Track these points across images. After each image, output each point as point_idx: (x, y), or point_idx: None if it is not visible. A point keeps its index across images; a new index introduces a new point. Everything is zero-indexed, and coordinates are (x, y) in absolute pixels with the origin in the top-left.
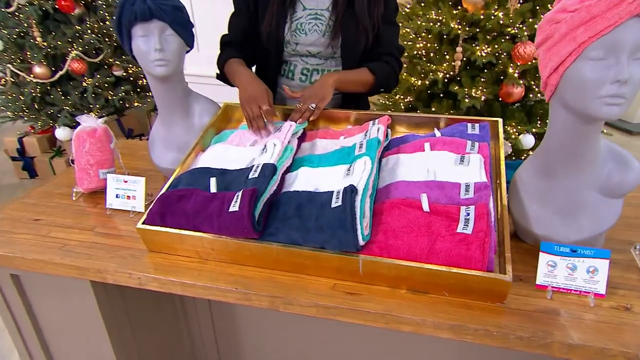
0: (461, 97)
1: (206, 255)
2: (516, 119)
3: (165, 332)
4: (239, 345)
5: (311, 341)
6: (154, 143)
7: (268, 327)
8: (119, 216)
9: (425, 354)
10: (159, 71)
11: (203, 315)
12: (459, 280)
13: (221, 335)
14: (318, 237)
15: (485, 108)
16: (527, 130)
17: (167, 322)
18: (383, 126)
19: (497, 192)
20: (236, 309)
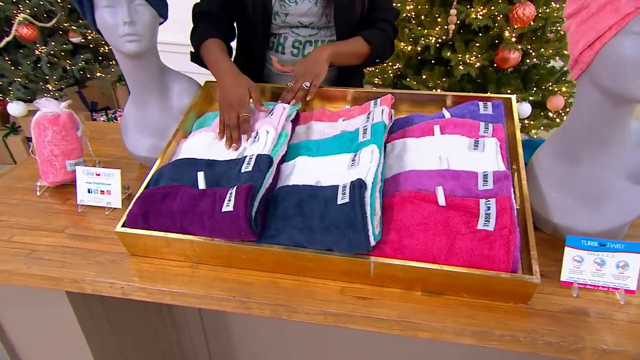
0: (454, 64)
1: (197, 258)
2: (512, 86)
3: (152, 340)
4: (234, 352)
5: (310, 346)
6: (126, 127)
7: (264, 331)
8: (93, 214)
9: (428, 356)
10: (129, 48)
11: (193, 320)
12: (480, 281)
13: (213, 341)
14: (325, 238)
15: (478, 75)
16: (523, 99)
17: (155, 329)
18: (387, 107)
19: (514, 179)
20: (229, 312)
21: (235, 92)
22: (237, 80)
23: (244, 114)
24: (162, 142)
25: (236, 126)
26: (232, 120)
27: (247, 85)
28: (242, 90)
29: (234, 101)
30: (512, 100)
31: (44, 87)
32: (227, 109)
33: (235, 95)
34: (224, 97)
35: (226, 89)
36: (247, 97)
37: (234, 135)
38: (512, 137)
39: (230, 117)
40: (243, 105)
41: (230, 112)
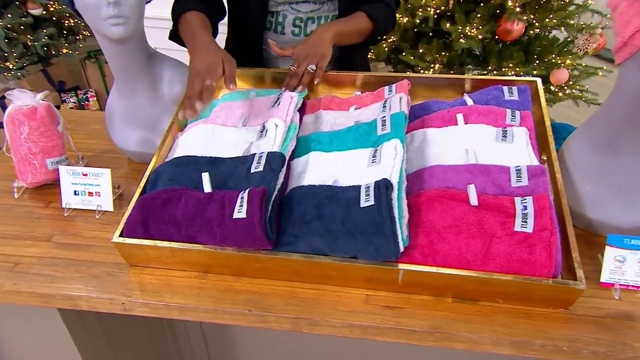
0: (455, 37)
1: (205, 267)
2: (515, 59)
3: (154, 354)
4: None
5: (315, 354)
6: (112, 119)
7: (267, 340)
8: (82, 218)
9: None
10: (114, 32)
11: (193, 331)
12: (520, 288)
13: (215, 353)
14: (349, 245)
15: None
16: (527, 73)
17: (155, 341)
18: (405, 95)
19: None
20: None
21: (206, 62)
22: (210, 51)
23: (209, 81)
24: (152, 135)
25: (196, 94)
26: (195, 88)
27: (222, 56)
28: (213, 59)
29: (201, 69)
30: (538, 83)
31: (3, 65)
32: (193, 80)
33: (204, 64)
34: (192, 68)
35: (196, 60)
36: (218, 68)
37: (191, 106)
38: (540, 124)
39: (194, 85)
40: (211, 73)
41: (194, 81)
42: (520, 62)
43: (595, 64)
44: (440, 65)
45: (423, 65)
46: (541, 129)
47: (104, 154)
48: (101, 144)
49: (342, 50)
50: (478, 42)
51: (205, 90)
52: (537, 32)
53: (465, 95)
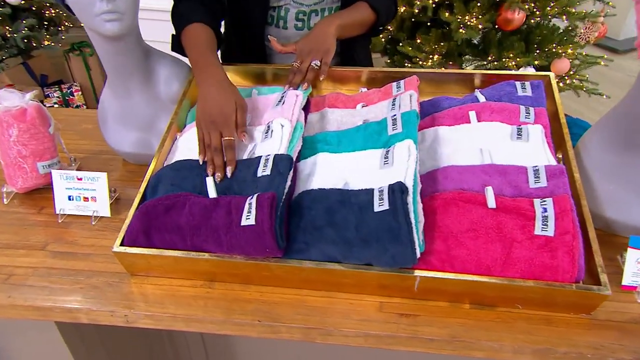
0: (454, 27)
1: (211, 276)
2: (515, 49)
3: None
4: None
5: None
6: (105, 119)
7: (269, 349)
8: (78, 225)
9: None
10: (109, 28)
11: (193, 341)
12: (541, 293)
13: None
14: (364, 253)
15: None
16: (528, 63)
17: (155, 353)
18: (415, 92)
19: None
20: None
21: (221, 108)
22: (224, 94)
23: (227, 138)
24: (149, 135)
25: (219, 150)
26: (215, 142)
27: (235, 101)
28: (229, 107)
29: (218, 119)
30: (551, 77)
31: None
32: (209, 127)
33: (220, 113)
34: (206, 111)
35: (210, 102)
36: (233, 117)
37: (216, 161)
38: (553, 121)
39: (213, 137)
40: (228, 126)
41: (212, 132)
42: (521, 52)
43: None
44: (439, 56)
45: (421, 56)
46: (555, 125)
47: (97, 155)
48: (94, 145)
49: (343, 44)
50: (478, 32)
51: (226, 147)
52: (537, 20)
53: (476, 91)
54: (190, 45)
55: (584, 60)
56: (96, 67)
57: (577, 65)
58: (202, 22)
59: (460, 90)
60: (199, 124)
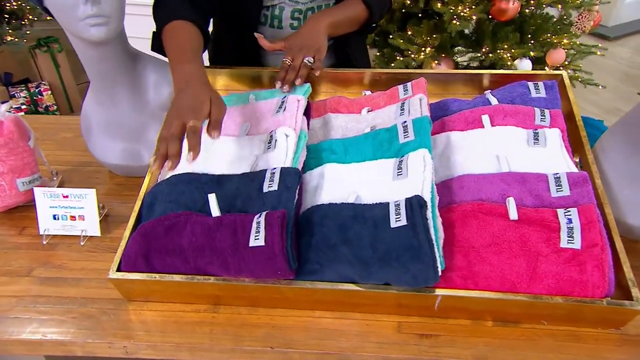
0: (447, 18)
1: (216, 299)
2: (510, 41)
3: None
4: None
5: None
6: (89, 129)
7: None
8: (65, 246)
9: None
10: (94, 34)
11: None
12: (569, 310)
13: None
14: (382, 273)
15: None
16: (523, 54)
17: None
18: (425, 96)
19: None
20: None
21: (191, 99)
22: (198, 87)
23: (193, 122)
24: (138, 145)
25: (176, 138)
26: (174, 129)
27: (210, 96)
28: (200, 99)
29: (184, 108)
30: (564, 76)
31: None
32: (173, 118)
33: (189, 104)
34: (174, 105)
35: (180, 94)
36: (205, 107)
37: (170, 148)
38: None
39: (175, 125)
40: (196, 112)
41: (175, 120)
42: (515, 43)
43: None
44: (431, 49)
45: (413, 49)
46: (570, 127)
47: (80, 168)
48: (76, 156)
49: (337, 41)
50: (472, 23)
51: (189, 132)
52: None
53: (487, 92)
54: (170, 44)
55: (579, 50)
56: (66, 65)
57: (572, 55)
58: (187, 19)
59: (468, 92)
60: (167, 117)
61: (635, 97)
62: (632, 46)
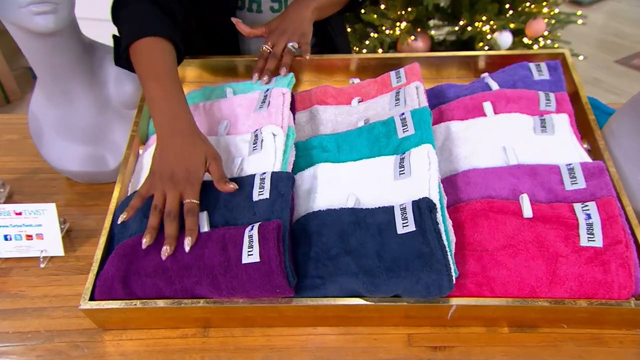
0: None
1: (205, 322)
2: (488, 12)
3: None
4: None
5: None
6: (40, 132)
7: None
8: (20, 270)
9: None
10: (40, 24)
11: None
12: (593, 313)
13: None
14: (392, 284)
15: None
16: (503, 27)
17: None
18: (422, 83)
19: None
20: None
21: (185, 161)
22: (192, 144)
23: (190, 200)
24: (100, 149)
25: (175, 216)
26: (171, 205)
27: (205, 152)
28: (195, 160)
29: (179, 175)
30: (566, 55)
31: None
32: (165, 184)
33: (184, 167)
34: (164, 163)
35: (171, 153)
36: (201, 173)
37: (168, 230)
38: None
39: (169, 198)
40: (191, 185)
41: (169, 191)
42: (494, 14)
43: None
44: (407, 24)
45: (387, 24)
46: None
47: (32, 176)
48: (25, 162)
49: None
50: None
51: (187, 213)
52: None
53: (485, 76)
54: (144, 71)
55: (558, 19)
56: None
57: (552, 25)
58: (160, 35)
59: (463, 75)
60: (152, 179)
61: (614, 66)
62: (606, 11)
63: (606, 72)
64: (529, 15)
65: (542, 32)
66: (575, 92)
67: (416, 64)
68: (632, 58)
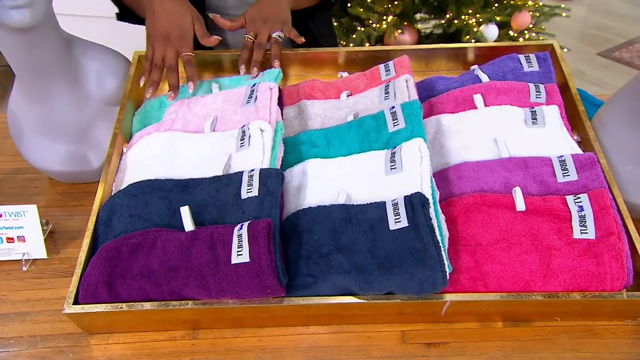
0: None
1: (194, 323)
2: (474, 5)
3: None
4: None
5: None
6: (20, 131)
7: None
8: (2, 274)
9: None
10: (16, 18)
11: None
12: (586, 305)
13: None
14: (384, 281)
15: None
16: (489, 20)
17: None
18: (411, 76)
19: None
20: None
21: (176, 19)
22: (179, 5)
23: (187, 53)
24: (82, 147)
25: (175, 69)
26: (170, 59)
27: (191, 13)
28: (186, 20)
29: (172, 31)
30: (555, 46)
31: None
32: (161, 42)
33: (176, 24)
34: (157, 24)
35: (161, 14)
36: (191, 29)
37: (171, 79)
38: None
39: (167, 53)
40: (185, 39)
41: (166, 47)
42: (480, 7)
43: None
44: (393, 17)
45: (374, 17)
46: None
47: (12, 176)
48: (5, 162)
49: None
50: None
51: (186, 64)
52: None
53: (475, 68)
54: None
55: (543, 12)
56: None
57: (537, 18)
58: None
59: (452, 68)
60: (149, 40)
61: (596, 58)
62: (587, 4)
63: (589, 64)
64: (514, 8)
65: (527, 25)
66: (565, 84)
67: (405, 57)
68: (613, 50)
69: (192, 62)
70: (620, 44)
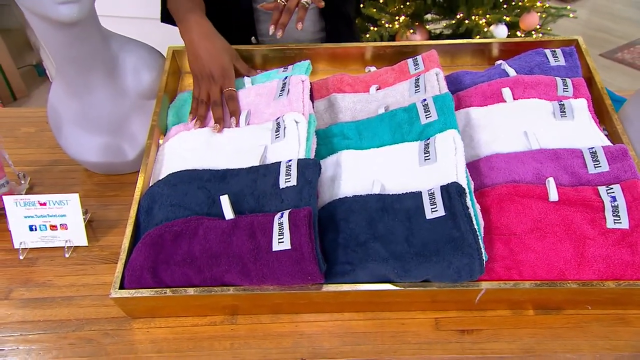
0: None
1: (233, 309)
2: (484, 6)
3: None
4: None
5: None
6: (59, 124)
7: None
8: (46, 260)
9: None
10: (64, 13)
11: None
12: (620, 294)
13: None
14: (422, 269)
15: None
16: (499, 20)
17: None
18: (441, 70)
19: None
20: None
21: (217, 59)
22: (215, 44)
23: (229, 89)
24: (119, 139)
25: (219, 104)
26: (215, 96)
27: (229, 51)
28: (224, 58)
29: (215, 71)
30: (579, 41)
31: None
32: (206, 81)
33: (218, 64)
34: (201, 65)
35: (202, 54)
36: (231, 66)
37: (215, 114)
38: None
39: (212, 91)
40: (228, 77)
41: (211, 85)
42: (490, 8)
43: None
44: (405, 18)
45: (387, 18)
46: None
47: (51, 168)
48: (44, 154)
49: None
50: None
51: (229, 99)
52: None
53: (502, 62)
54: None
55: (550, 13)
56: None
57: (544, 19)
58: None
59: (477, 63)
60: (195, 80)
61: (599, 59)
62: (589, 7)
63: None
64: (523, 9)
65: (535, 26)
66: (590, 78)
67: (434, 51)
68: (615, 52)
69: (235, 97)
70: (622, 45)
